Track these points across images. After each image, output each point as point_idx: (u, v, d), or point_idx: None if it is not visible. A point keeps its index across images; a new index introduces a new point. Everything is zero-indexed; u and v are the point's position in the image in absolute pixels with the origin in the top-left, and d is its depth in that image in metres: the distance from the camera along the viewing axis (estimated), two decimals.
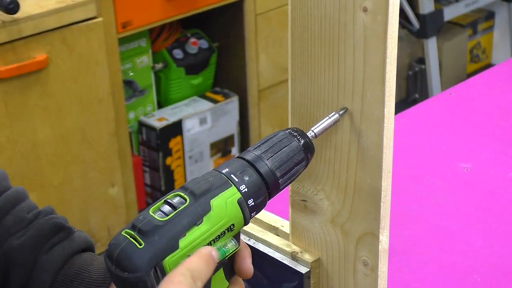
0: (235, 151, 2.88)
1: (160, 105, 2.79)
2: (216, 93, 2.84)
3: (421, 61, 3.50)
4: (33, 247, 0.88)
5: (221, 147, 2.84)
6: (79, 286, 0.87)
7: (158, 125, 2.66)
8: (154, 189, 2.75)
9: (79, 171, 2.33)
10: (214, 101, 2.79)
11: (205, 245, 0.69)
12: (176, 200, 0.69)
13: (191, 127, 2.72)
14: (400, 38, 3.25)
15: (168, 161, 2.69)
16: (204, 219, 0.69)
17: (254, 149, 0.74)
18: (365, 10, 0.73)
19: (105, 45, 2.27)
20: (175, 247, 0.67)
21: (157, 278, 0.67)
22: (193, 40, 2.76)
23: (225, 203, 0.70)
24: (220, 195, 0.70)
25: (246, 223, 0.72)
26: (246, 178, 0.72)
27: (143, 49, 2.64)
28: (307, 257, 0.88)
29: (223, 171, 0.72)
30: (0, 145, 2.13)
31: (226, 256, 0.72)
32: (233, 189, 0.71)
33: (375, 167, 0.77)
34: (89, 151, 2.33)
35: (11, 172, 2.07)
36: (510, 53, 3.62)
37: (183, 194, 0.70)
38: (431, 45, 3.22)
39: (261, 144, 0.75)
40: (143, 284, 0.66)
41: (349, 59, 0.76)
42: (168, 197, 0.70)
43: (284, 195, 0.84)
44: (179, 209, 0.68)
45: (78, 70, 2.23)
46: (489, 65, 3.69)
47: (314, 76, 0.80)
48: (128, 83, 2.63)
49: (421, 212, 1.26)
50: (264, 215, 0.93)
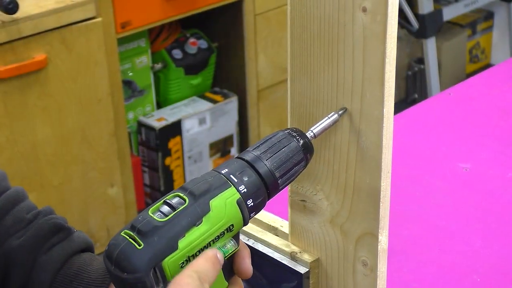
0: (234, 151, 2.88)
1: (159, 105, 2.79)
2: (215, 93, 2.84)
3: (420, 61, 3.49)
4: (32, 247, 0.88)
5: (220, 147, 2.84)
6: (78, 286, 0.87)
7: (157, 125, 2.65)
8: (153, 189, 2.75)
9: (79, 171, 2.33)
10: (213, 101, 2.79)
11: (205, 246, 0.69)
12: (175, 201, 0.69)
13: (190, 127, 2.71)
14: (399, 38, 3.25)
15: (167, 161, 2.69)
16: (204, 219, 0.69)
17: (253, 149, 0.74)
18: (364, 10, 0.73)
19: (104, 45, 2.27)
20: (174, 247, 0.67)
21: (156, 279, 0.67)
22: (192, 40, 2.76)
23: (225, 203, 0.70)
24: (220, 195, 0.70)
25: (245, 223, 0.72)
26: (245, 179, 0.72)
27: (142, 49, 2.64)
28: (306, 257, 0.88)
29: (222, 172, 0.72)
30: None
31: (226, 257, 0.72)
32: (232, 189, 0.71)
33: (374, 167, 0.77)
34: (89, 151, 2.33)
35: (11, 172, 2.07)
36: (510, 53, 3.61)
37: (182, 195, 0.70)
38: (430, 45, 3.22)
39: (260, 144, 0.74)
40: (142, 284, 0.66)
41: (348, 59, 0.76)
42: (168, 197, 0.70)
43: (283, 195, 0.84)
44: (179, 209, 0.68)
45: (78, 70, 2.23)
46: (488, 65, 3.68)
47: (313, 76, 0.80)
48: (127, 83, 2.63)
49: (420, 212, 1.26)
50: (263, 215, 0.93)
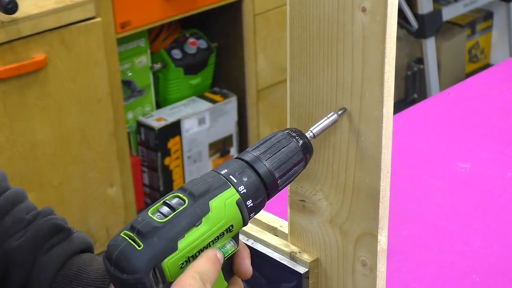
0: (233, 151, 2.88)
1: (159, 105, 2.79)
2: (214, 93, 2.84)
3: (420, 61, 3.49)
4: (32, 247, 0.88)
5: (220, 147, 2.84)
6: (78, 286, 0.87)
7: (157, 125, 2.65)
8: (153, 189, 2.75)
9: (78, 171, 2.33)
10: (213, 101, 2.79)
11: (204, 246, 0.69)
12: (174, 201, 0.69)
13: (189, 127, 2.71)
14: (398, 38, 3.24)
15: (167, 161, 2.69)
16: (203, 220, 0.69)
17: (253, 149, 0.74)
18: (363, 10, 0.73)
19: (103, 45, 2.27)
20: (174, 248, 0.67)
21: (156, 280, 0.67)
22: (191, 40, 2.76)
23: (224, 204, 0.70)
24: (219, 196, 0.70)
25: (245, 224, 0.72)
26: (245, 179, 0.72)
27: (142, 49, 2.64)
28: (306, 257, 0.88)
29: (222, 172, 0.72)
30: None
31: (225, 257, 0.72)
32: (231, 190, 0.71)
33: (373, 167, 0.77)
34: (88, 151, 2.33)
35: (10, 172, 2.06)
36: (509, 53, 3.61)
37: (181, 195, 0.69)
38: (430, 45, 3.22)
39: (260, 144, 0.74)
40: (142, 285, 0.66)
41: (347, 59, 0.76)
42: (167, 198, 0.70)
43: (283, 195, 0.84)
44: (178, 210, 0.68)
45: (77, 70, 2.23)
46: (487, 65, 3.69)
47: (312, 76, 0.80)
48: (127, 83, 2.63)
49: (420, 212, 1.26)
50: (262, 215, 0.93)
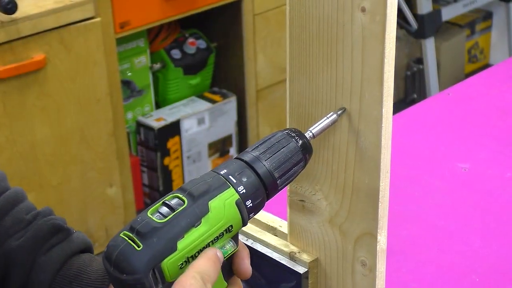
0: (233, 151, 2.88)
1: (158, 105, 2.79)
2: (214, 93, 2.84)
3: (419, 61, 3.49)
4: (32, 248, 0.88)
5: (219, 147, 2.84)
6: (77, 287, 0.87)
7: (156, 125, 2.65)
8: (152, 189, 2.75)
9: (78, 171, 2.33)
10: (212, 101, 2.79)
11: (204, 247, 0.69)
12: (174, 202, 0.69)
13: (189, 127, 2.71)
14: (398, 38, 3.25)
15: (166, 161, 2.69)
16: (203, 220, 0.69)
17: (252, 150, 0.74)
18: (363, 10, 0.73)
19: (103, 45, 2.27)
20: (173, 249, 0.67)
21: (155, 280, 0.67)
22: (191, 40, 2.76)
23: (223, 204, 0.70)
24: (218, 196, 0.70)
25: (244, 224, 0.72)
26: (244, 179, 0.72)
27: (141, 49, 2.64)
28: (305, 257, 0.88)
29: (221, 172, 0.72)
30: None
31: (225, 257, 0.72)
32: (231, 190, 0.71)
33: (373, 167, 0.77)
34: (88, 151, 2.33)
35: (10, 172, 2.06)
36: (508, 53, 3.61)
37: (181, 196, 0.69)
38: (429, 45, 3.22)
39: (259, 145, 0.74)
40: (141, 286, 0.66)
41: (347, 59, 0.76)
42: (166, 198, 0.69)
43: (282, 195, 0.84)
44: (177, 210, 0.68)
45: (76, 70, 2.23)
46: (487, 65, 3.69)
47: (312, 76, 0.80)
48: (126, 83, 2.63)
49: (419, 212, 1.26)
50: (262, 215, 0.93)
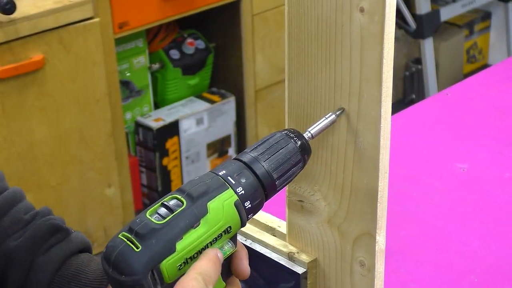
0: (231, 151, 2.88)
1: (157, 105, 2.79)
2: (212, 93, 2.84)
3: (418, 61, 3.49)
4: (30, 248, 0.88)
5: (218, 148, 2.84)
6: (76, 287, 0.87)
7: (155, 125, 2.65)
8: (151, 190, 2.75)
9: (76, 171, 2.32)
10: (211, 101, 2.79)
11: (202, 248, 0.69)
12: (173, 203, 0.69)
13: (187, 127, 2.71)
14: (396, 39, 3.25)
15: (165, 161, 2.69)
16: (201, 221, 0.69)
17: (251, 150, 0.74)
18: (362, 10, 0.73)
19: (102, 45, 2.27)
20: (172, 250, 0.67)
21: (154, 281, 0.67)
22: (190, 40, 2.76)
23: (222, 205, 0.70)
24: (217, 197, 0.70)
25: (243, 225, 0.72)
26: (243, 180, 0.72)
27: (140, 49, 2.64)
28: (304, 257, 0.88)
29: (220, 173, 0.72)
30: None
31: (224, 258, 0.72)
32: (230, 191, 0.71)
33: (371, 167, 0.77)
34: (86, 151, 2.33)
35: (8, 172, 2.06)
36: (507, 53, 3.61)
37: (180, 197, 0.69)
38: (428, 45, 3.22)
39: (258, 145, 0.74)
40: (140, 287, 0.66)
41: (345, 60, 0.76)
42: (165, 199, 0.69)
43: (281, 196, 0.84)
44: (176, 212, 0.68)
45: (75, 71, 2.23)
46: (485, 66, 3.69)
47: (310, 76, 0.80)
48: (125, 84, 2.63)
49: (418, 213, 1.26)
50: (261, 215, 0.93)
